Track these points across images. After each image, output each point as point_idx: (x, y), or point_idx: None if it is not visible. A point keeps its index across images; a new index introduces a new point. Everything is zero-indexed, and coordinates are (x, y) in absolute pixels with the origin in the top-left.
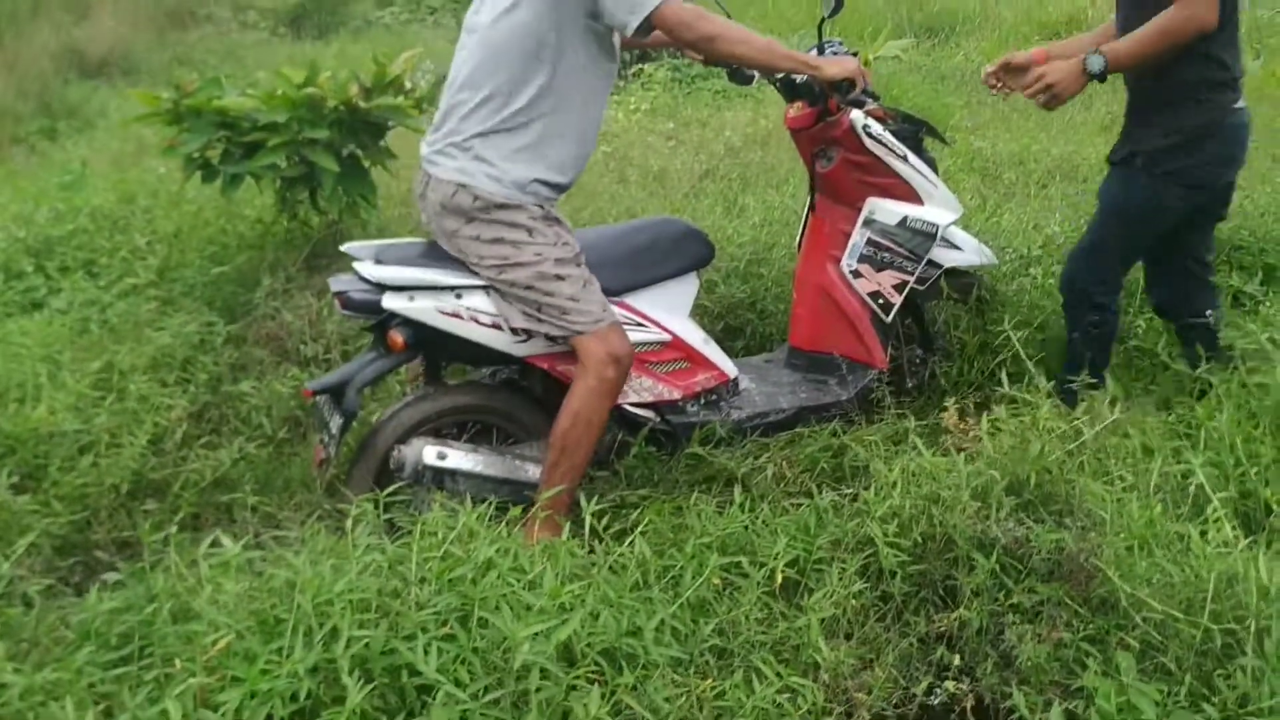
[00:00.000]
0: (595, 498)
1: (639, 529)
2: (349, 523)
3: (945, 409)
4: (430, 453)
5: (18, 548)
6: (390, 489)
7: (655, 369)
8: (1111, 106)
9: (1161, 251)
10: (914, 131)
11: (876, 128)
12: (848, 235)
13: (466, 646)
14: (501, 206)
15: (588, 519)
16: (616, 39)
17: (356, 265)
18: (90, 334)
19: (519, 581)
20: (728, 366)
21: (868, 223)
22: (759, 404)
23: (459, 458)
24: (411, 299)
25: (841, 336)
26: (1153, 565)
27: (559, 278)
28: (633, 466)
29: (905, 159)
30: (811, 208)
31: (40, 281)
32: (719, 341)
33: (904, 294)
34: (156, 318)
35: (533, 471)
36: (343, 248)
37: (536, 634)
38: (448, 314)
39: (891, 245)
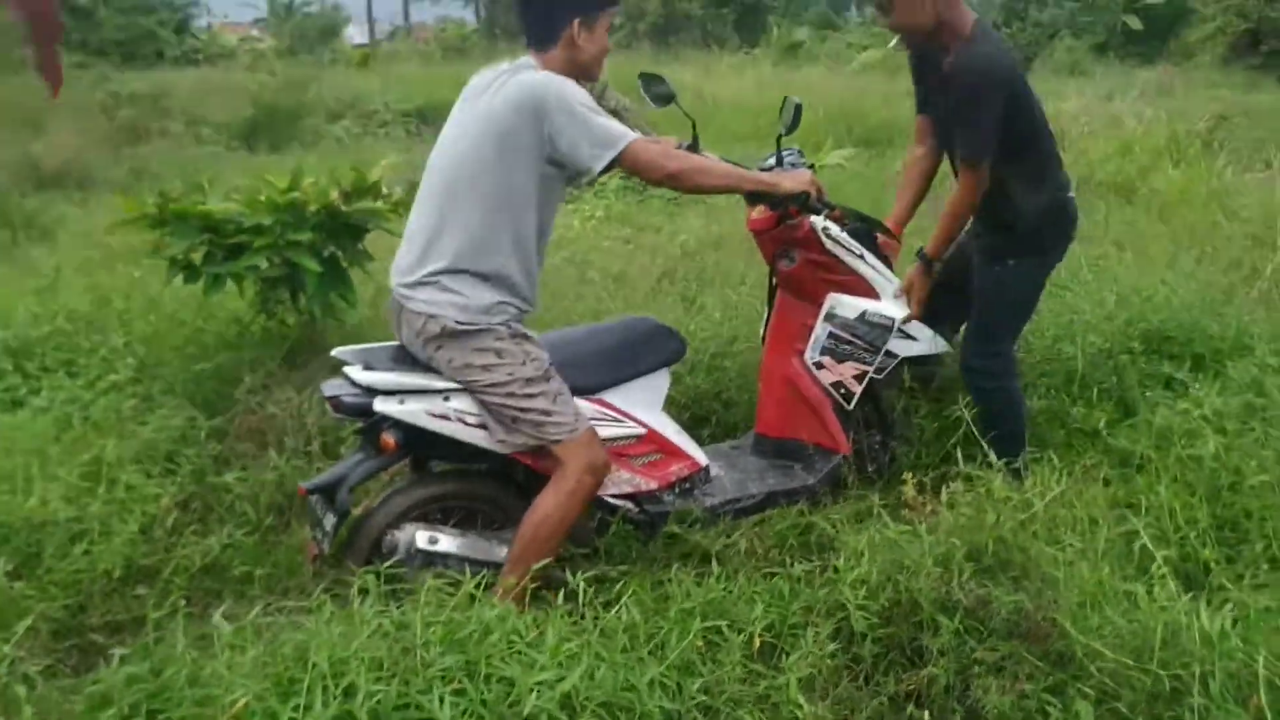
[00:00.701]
0: (578, 573)
1: (624, 598)
2: (354, 591)
3: (905, 482)
4: (422, 537)
5: (17, 630)
6: (386, 564)
7: (632, 462)
8: None
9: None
10: (868, 231)
11: (835, 229)
12: (810, 329)
13: (476, 699)
14: (469, 333)
15: (580, 588)
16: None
17: (347, 370)
18: (74, 430)
19: (520, 641)
20: (699, 456)
21: (829, 317)
22: (730, 490)
23: (449, 542)
24: (402, 402)
25: (806, 424)
26: (1104, 620)
27: (530, 395)
28: (612, 544)
29: (862, 257)
30: (774, 304)
31: (19, 381)
32: (687, 430)
33: (864, 383)
34: (139, 413)
35: (500, 552)
36: (332, 353)
37: (541, 683)
38: (437, 416)
39: (851, 338)
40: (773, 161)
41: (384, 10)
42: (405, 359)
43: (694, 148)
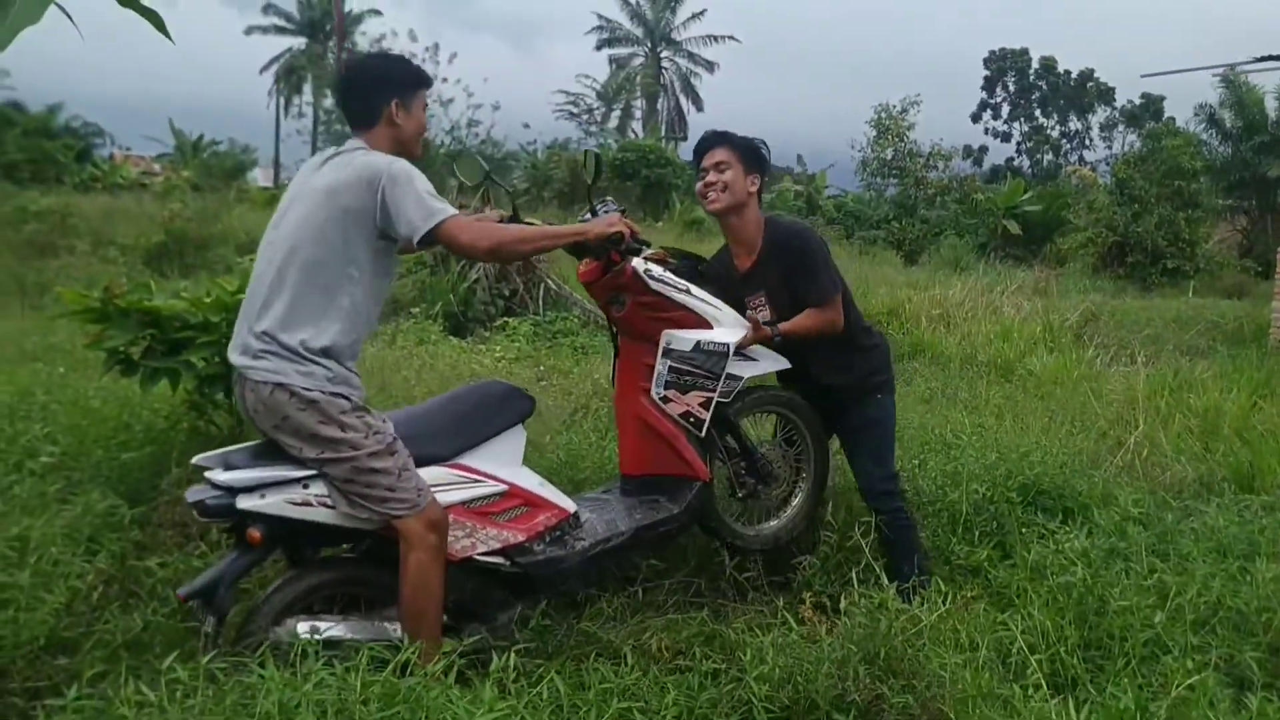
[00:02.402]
0: (504, 655)
1: (547, 679)
2: (294, 652)
3: (803, 602)
4: (302, 629)
5: None
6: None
7: (497, 519)
8: (931, 383)
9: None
10: (692, 266)
11: (657, 270)
12: (652, 367)
13: None
14: (315, 402)
15: (510, 662)
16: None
17: (208, 474)
18: None
19: (457, 701)
20: (566, 503)
21: (666, 353)
22: (600, 532)
23: (330, 628)
24: (263, 496)
25: (663, 457)
26: (985, 718)
27: (374, 470)
28: (530, 639)
29: (688, 292)
30: (616, 350)
31: None
32: None
33: (711, 409)
34: (63, 495)
35: (393, 631)
36: (193, 461)
37: None
38: (298, 504)
39: (691, 368)
40: (589, 216)
41: (290, 156)
42: (264, 454)
43: (515, 218)
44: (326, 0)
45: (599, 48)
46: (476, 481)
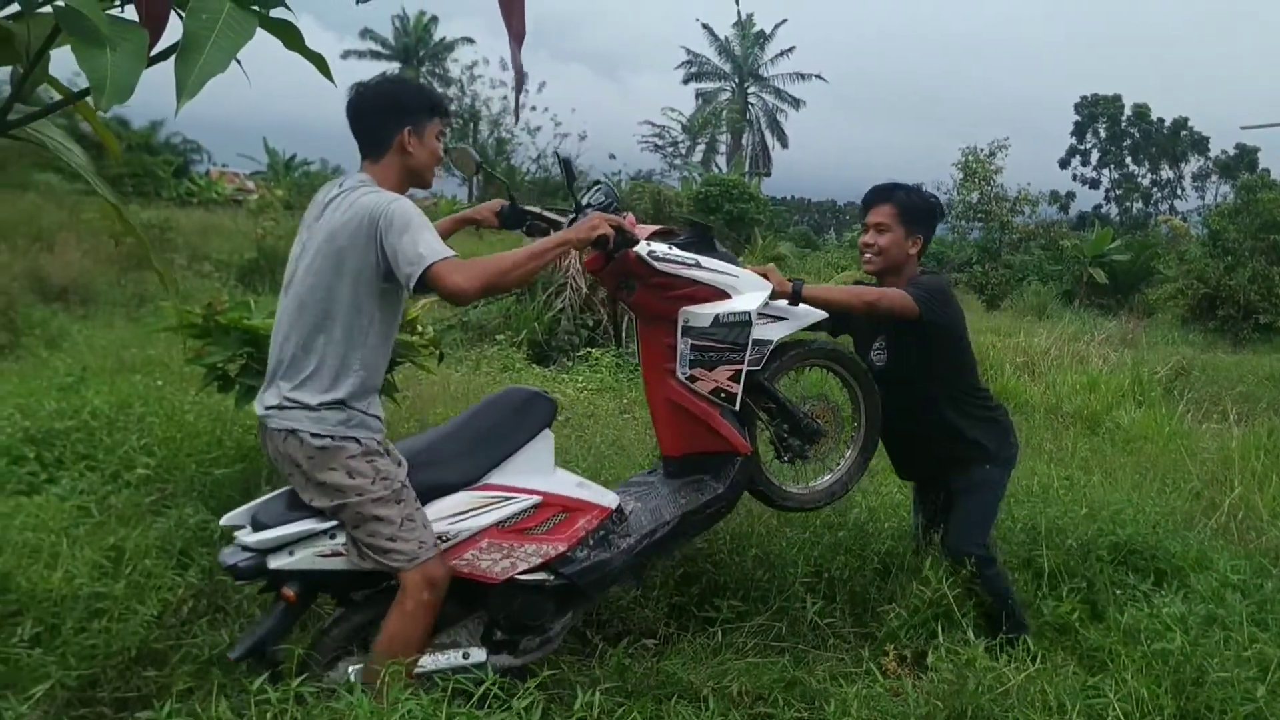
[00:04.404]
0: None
1: (630, 717)
2: (382, 678)
3: (886, 653)
4: (354, 671)
5: (36, 692)
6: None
7: (533, 533)
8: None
9: None
10: (703, 235)
11: (661, 249)
12: (673, 347)
13: None
14: (325, 449)
15: (595, 698)
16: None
17: (237, 536)
18: (92, 517)
19: None
20: (607, 500)
21: (685, 331)
22: (645, 524)
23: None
24: (292, 554)
25: (700, 436)
26: None
27: (377, 518)
28: (609, 676)
29: (697, 265)
30: (636, 333)
31: (38, 469)
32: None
33: (741, 381)
34: (159, 508)
35: (452, 657)
36: (222, 521)
37: None
38: (327, 555)
39: (713, 344)
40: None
41: None
42: (290, 504)
43: (514, 207)
44: (421, 27)
45: (686, 81)
46: (508, 499)
